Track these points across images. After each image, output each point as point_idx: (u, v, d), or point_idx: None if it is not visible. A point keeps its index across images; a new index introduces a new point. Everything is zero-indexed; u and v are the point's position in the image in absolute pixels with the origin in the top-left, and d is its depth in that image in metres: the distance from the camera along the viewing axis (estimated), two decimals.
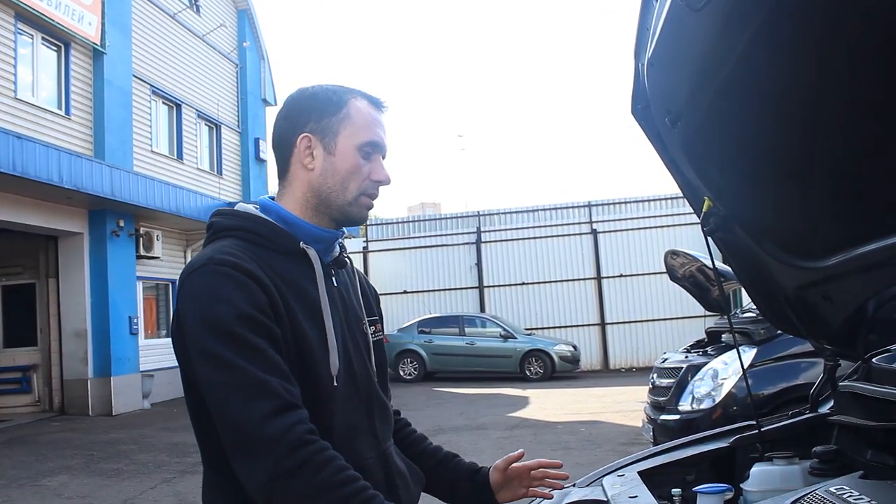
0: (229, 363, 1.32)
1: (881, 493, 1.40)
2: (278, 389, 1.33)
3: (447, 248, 21.58)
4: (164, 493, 7.36)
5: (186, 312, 1.39)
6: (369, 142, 1.54)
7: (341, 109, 1.54)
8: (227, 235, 1.52)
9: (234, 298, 1.36)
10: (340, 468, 1.32)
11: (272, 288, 1.42)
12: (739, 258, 2.04)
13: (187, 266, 1.44)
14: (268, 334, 1.37)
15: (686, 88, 1.63)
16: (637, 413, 10.02)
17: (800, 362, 5.82)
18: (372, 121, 1.56)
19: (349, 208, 1.55)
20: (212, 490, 1.50)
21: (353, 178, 1.54)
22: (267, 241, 1.50)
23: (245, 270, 1.40)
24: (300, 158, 1.55)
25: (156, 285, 16.56)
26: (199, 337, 1.36)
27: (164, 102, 16.99)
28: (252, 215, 1.55)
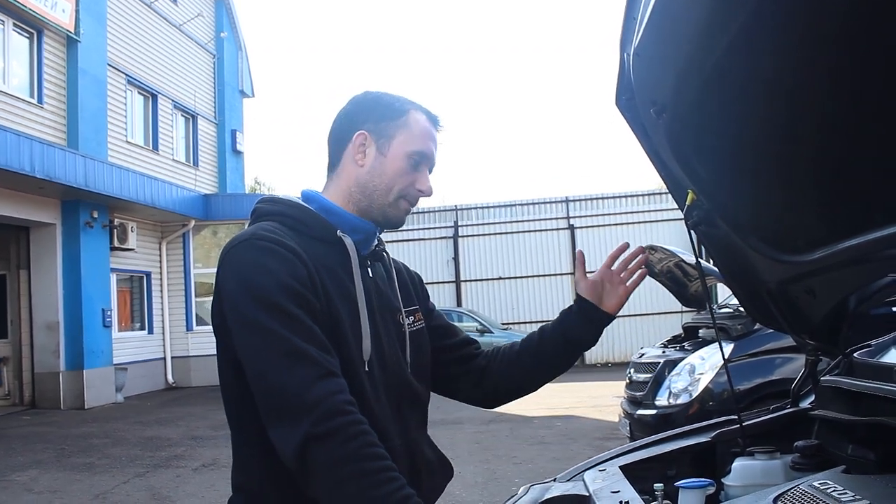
0: (271, 331, 1.38)
1: (864, 488, 1.39)
2: (318, 357, 1.38)
3: (424, 242, 21.58)
4: (137, 487, 7.28)
5: (227, 283, 1.45)
6: (420, 151, 1.63)
7: (401, 116, 1.64)
8: (269, 219, 1.58)
9: (276, 270, 1.43)
10: (370, 443, 1.36)
11: (311, 265, 1.48)
12: (722, 252, 2.03)
13: (229, 242, 1.51)
14: (307, 306, 1.43)
15: (672, 79, 1.61)
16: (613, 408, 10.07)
17: (775, 358, 5.86)
18: (427, 133, 1.65)
19: (389, 209, 1.64)
20: (242, 470, 1.56)
21: (398, 182, 1.62)
22: (306, 227, 1.57)
23: (285, 245, 1.47)
24: (353, 153, 1.64)
25: (130, 278, 16.41)
26: (240, 306, 1.42)
27: (139, 92, 16.81)
28: (293, 202, 1.64)
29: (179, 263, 17.20)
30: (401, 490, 1.34)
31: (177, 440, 9.96)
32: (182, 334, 17.07)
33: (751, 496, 1.57)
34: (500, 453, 8.16)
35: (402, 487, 1.35)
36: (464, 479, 6.57)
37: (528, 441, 9.02)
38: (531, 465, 7.43)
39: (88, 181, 12.80)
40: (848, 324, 2.00)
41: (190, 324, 17.14)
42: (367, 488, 1.32)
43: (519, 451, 8.33)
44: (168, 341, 16.90)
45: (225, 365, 1.52)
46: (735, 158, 1.72)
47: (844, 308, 1.98)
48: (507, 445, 8.77)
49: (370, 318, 1.56)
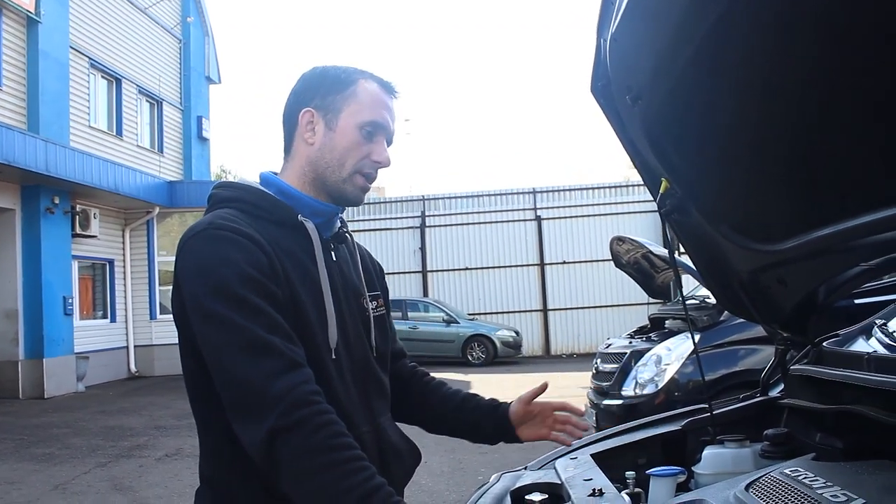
0: (232, 323, 1.34)
1: (834, 474, 1.40)
2: (282, 348, 1.35)
3: (391, 231, 21.52)
4: (99, 477, 7.18)
5: (187, 275, 1.41)
6: (372, 121, 1.56)
7: (348, 87, 1.56)
8: (226, 206, 1.53)
9: (236, 259, 1.38)
10: (338, 433, 1.33)
11: (271, 253, 1.44)
12: (694, 241, 2.03)
13: (186, 231, 1.46)
14: (270, 296, 1.39)
15: (649, 66, 1.60)
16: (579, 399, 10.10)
17: (739, 349, 5.93)
18: (379, 102, 1.58)
19: (343, 186, 1.57)
20: (209, 462, 1.53)
21: (350, 156, 1.55)
22: (265, 212, 1.52)
23: (245, 234, 1.42)
24: (302, 133, 1.57)
25: (92, 265, 16.15)
26: (201, 298, 1.37)
27: (103, 76, 16.51)
28: (251, 187, 1.58)
29: (143, 251, 16.96)
30: (371, 479, 1.31)
31: (139, 430, 9.84)
32: (145, 323, 16.85)
33: (722, 483, 1.57)
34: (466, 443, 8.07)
35: (373, 477, 1.32)
36: (430, 468, 6.56)
37: None
38: (497, 455, 7.44)
39: (49, 166, 12.54)
40: (818, 313, 2.01)
41: (154, 312, 16.93)
42: (336, 479, 1.29)
43: None
44: (131, 330, 16.67)
45: (187, 356, 1.48)
46: (709, 147, 1.72)
47: (814, 298, 1.99)
48: None
49: (335, 303, 1.53)
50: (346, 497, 1.28)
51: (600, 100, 1.88)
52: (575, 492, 1.56)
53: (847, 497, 1.26)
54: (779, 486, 1.39)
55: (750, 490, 1.41)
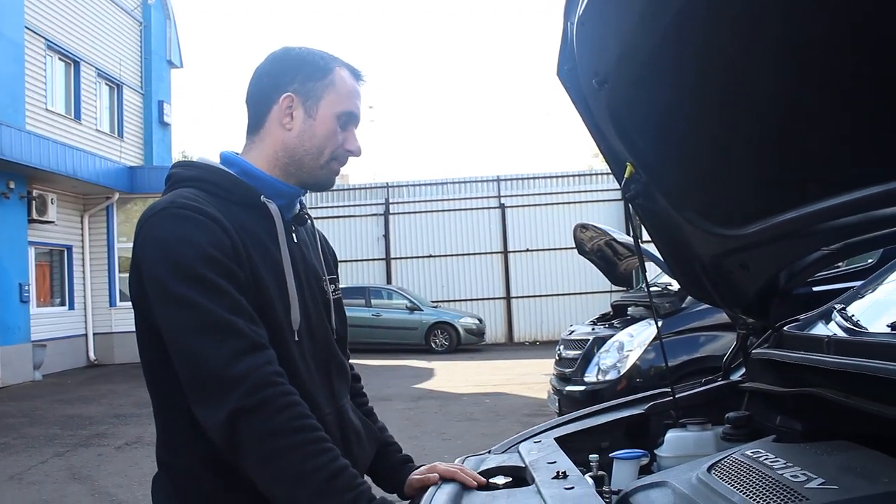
0: (194, 304, 1.32)
1: (795, 455, 1.42)
2: (245, 329, 1.33)
3: (355, 218, 21.44)
4: (56, 467, 7.07)
5: (147, 255, 1.38)
6: (348, 111, 1.57)
7: (327, 75, 1.56)
8: (187, 185, 1.49)
9: (198, 240, 1.36)
10: (301, 415, 1.33)
11: (234, 232, 1.42)
12: (658, 226, 2.04)
13: (146, 210, 1.43)
14: (232, 276, 1.38)
15: (616, 50, 1.60)
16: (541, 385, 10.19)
17: (699, 336, 6.01)
18: (353, 91, 1.59)
19: (320, 172, 1.58)
20: (167, 448, 1.50)
21: (328, 144, 1.56)
22: (227, 192, 1.50)
23: (207, 213, 1.40)
24: (279, 116, 1.56)
25: (50, 251, 15.85)
26: (161, 278, 1.35)
27: (60, 58, 16.16)
28: (212, 166, 1.55)
29: (103, 237, 16.69)
30: (335, 461, 1.32)
31: (99, 418, 9.70)
32: (105, 310, 16.59)
33: (685, 465, 1.58)
34: (430, 429, 8.19)
35: (336, 458, 1.32)
36: None
37: (457, 417, 9.08)
38: (460, 441, 7.48)
39: (4, 150, 12.26)
40: (779, 298, 2.04)
41: (113, 299, 16.68)
42: (301, 460, 1.29)
43: (448, 428, 8.37)
44: (90, 317, 16.42)
45: (145, 339, 1.45)
46: (674, 132, 1.73)
47: (776, 282, 2.02)
48: (436, 422, 8.81)
49: (297, 285, 1.52)
50: (311, 478, 1.28)
51: (566, 84, 1.88)
52: (539, 474, 1.56)
53: (807, 477, 1.27)
54: (740, 467, 1.40)
55: (712, 472, 1.42)
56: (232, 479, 1.38)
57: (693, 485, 1.39)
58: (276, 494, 1.31)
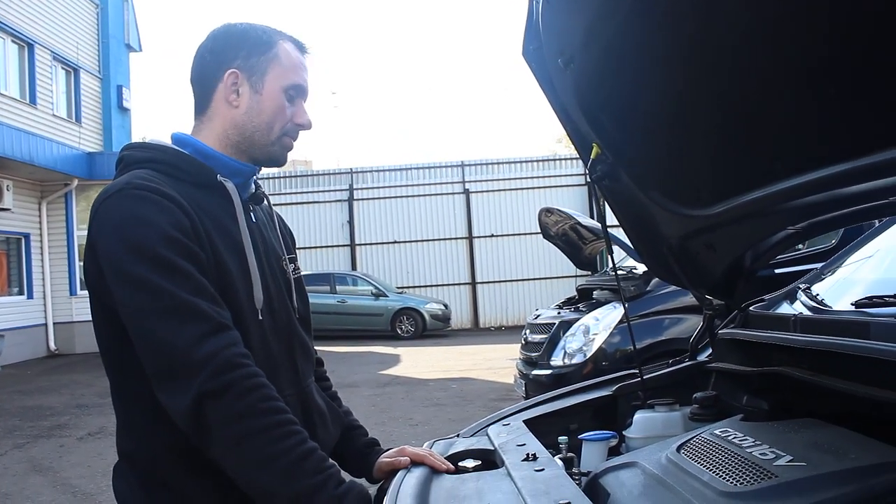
0: (155, 286, 1.29)
1: (763, 433, 1.43)
2: (208, 311, 1.31)
3: (319, 205, 21.31)
4: (16, 459, 6.95)
5: (103, 237, 1.35)
6: (294, 85, 1.55)
7: (271, 49, 1.54)
8: (140, 167, 1.46)
9: (157, 221, 1.33)
10: (268, 396, 1.31)
11: (193, 215, 1.39)
12: (625, 207, 2.03)
13: (101, 192, 1.39)
14: (193, 257, 1.35)
15: (582, 28, 1.59)
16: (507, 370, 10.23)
17: (664, 318, 6.07)
18: (298, 64, 1.56)
19: (272, 148, 1.55)
20: (128, 437, 1.47)
21: (277, 119, 1.54)
22: (183, 173, 1.47)
23: (165, 194, 1.37)
24: (225, 94, 1.53)
25: (7, 239, 15.53)
26: (120, 261, 1.31)
27: (13, 41, 15.76)
28: (165, 147, 1.52)
29: (62, 225, 16.38)
30: (303, 444, 1.30)
31: (60, 409, 9.55)
32: (65, 299, 16.32)
33: (654, 446, 1.59)
34: (397, 415, 8.18)
35: (305, 441, 1.31)
36: None
37: (424, 403, 9.08)
38: (427, 427, 7.48)
39: None
40: (745, 278, 2.05)
41: (73, 288, 16.40)
42: (268, 443, 1.27)
43: (415, 413, 8.37)
44: (49, 306, 16.13)
45: (103, 325, 1.42)
46: (639, 112, 1.72)
47: (742, 263, 2.03)
48: (403, 407, 8.80)
49: (258, 265, 1.50)
50: (278, 461, 1.27)
51: (532, 64, 1.86)
52: (508, 457, 1.55)
53: (775, 454, 1.28)
54: (709, 446, 1.41)
55: (681, 451, 1.42)
56: (196, 465, 1.36)
57: (663, 465, 1.39)
58: (244, 478, 1.29)
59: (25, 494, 5.82)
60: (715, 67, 1.39)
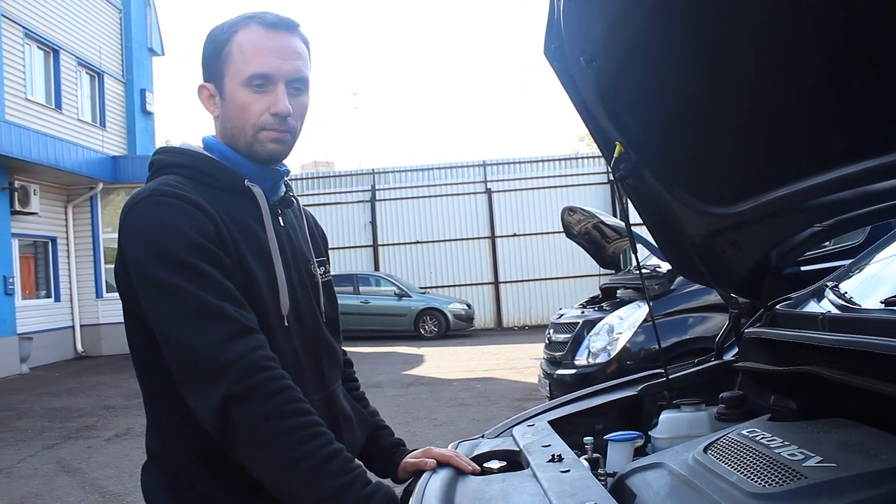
0: (181, 291, 1.30)
1: (790, 433, 1.41)
2: (234, 314, 1.32)
3: (341, 206, 21.38)
4: (45, 459, 7.03)
5: (131, 243, 1.36)
6: (255, 74, 1.45)
7: (224, 48, 1.48)
8: (170, 172, 1.47)
9: (183, 227, 1.34)
10: (294, 399, 1.31)
11: (219, 221, 1.40)
12: (648, 206, 2.02)
13: (130, 199, 1.40)
14: (218, 263, 1.36)
15: (603, 27, 1.58)
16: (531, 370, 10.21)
17: (688, 317, 6.02)
18: (259, 50, 1.45)
19: (254, 148, 1.50)
20: (157, 438, 1.49)
21: (244, 118, 1.48)
22: (210, 178, 1.47)
23: (191, 201, 1.38)
24: (207, 107, 1.53)
25: (34, 243, 15.72)
26: (148, 267, 1.32)
27: (39, 47, 15.97)
28: (196, 153, 1.52)
29: (87, 228, 16.56)
30: (329, 445, 1.31)
31: (88, 410, 9.65)
32: (91, 301, 16.49)
33: (680, 446, 1.57)
34: (420, 415, 8.19)
35: (331, 442, 1.31)
36: None
37: (448, 403, 9.08)
38: (451, 427, 7.48)
39: None
40: (771, 276, 2.02)
41: (100, 290, 16.57)
42: (294, 444, 1.27)
43: (439, 413, 8.37)
44: (77, 309, 16.31)
45: (134, 330, 1.44)
46: (663, 110, 1.71)
47: (767, 261, 2.00)
48: (426, 408, 8.81)
49: (285, 269, 1.50)
50: (304, 463, 1.27)
51: (554, 63, 1.86)
52: (533, 458, 1.54)
53: (804, 455, 1.26)
54: (737, 446, 1.40)
55: (708, 452, 1.41)
56: (223, 468, 1.37)
57: (690, 465, 1.38)
58: (270, 480, 1.29)
59: (55, 495, 5.89)
60: (738, 64, 1.38)
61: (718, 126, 1.60)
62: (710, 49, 1.40)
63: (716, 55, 1.40)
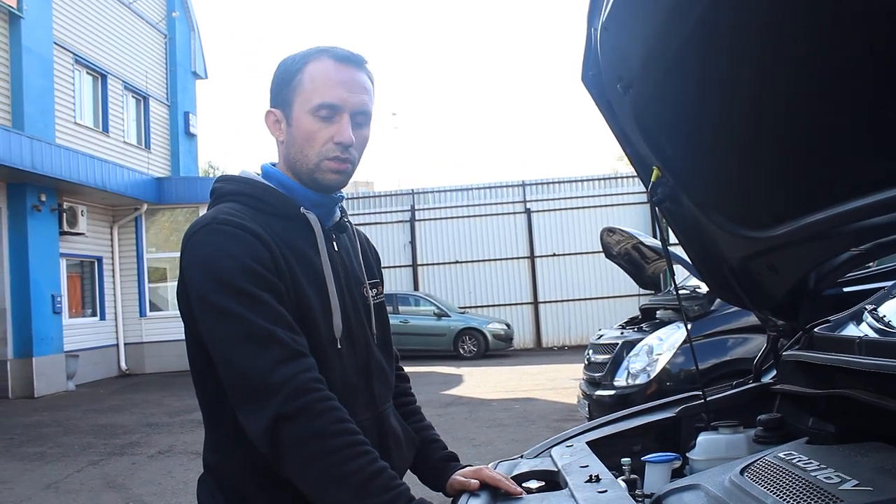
0: (235, 315, 1.37)
1: (829, 457, 1.41)
2: (285, 339, 1.38)
3: (381, 225, 21.50)
4: (91, 475, 7.16)
5: (190, 269, 1.44)
6: (322, 104, 1.52)
7: (294, 77, 1.54)
8: (229, 200, 1.54)
9: (238, 254, 1.41)
10: (340, 419, 1.36)
11: (274, 248, 1.46)
12: (686, 229, 2.04)
13: (190, 227, 1.48)
14: (272, 288, 1.42)
15: (640, 54, 1.60)
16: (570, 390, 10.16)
17: (728, 339, 5.95)
18: (328, 81, 1.52)
19: (315, 175, 1.56)
20: (213, 452, 1.56)
21: (309, 146, 1.54)
22: (268, 205, 1.54)
23: (247, 229, 1.45)
24: (272, 132, 1.60)
25: (81, 263, 16.07)
26: (204, 291, 1.40)
27: (88, 72, 16.39)
28: (254, 181, 1.59)
29: (132, 248, 16.88)
30: (373, 463, 1.35)
31: (131, 427, 9.81)
32: (135, 320, 16.78)
33: (717, 468, 1.58)
34: (460, 435, 8.19)
35: (375, 460, 1.35)
36: None
37: (487, 423, 9.07)
38: (490, 447, 7.47)
39: (35, 163, 12.46)
40: (809, 299, 2.02)
41: (143, 310, 16.86)
42: (339, 462, 1.32)
43: (478, 434, 8.37)
44: (121, 327, 16.60)
45: (193, 349, 1.51)
46: (700, 135, 1.73)
47: (805, 284, 2.00)
48: (466, 428, 8.80)
49: (338, 293, 1.55)
50: (349, 480, 1.31)
51: (591, 89, 1.89)
52: (572, 478, 1.56)
53: (841, 479, 1.27)
54: (774, 469, 1.40)
55: (745, 474, 1.42)
56: (273, 482, 1.43)
57: (726, 487, 1.38)
58: (316, 496, 1.35)
59: None
60: (775, 89, 1.39)
61: (755, 150, 1.62)
62: (746, 74, 1.42)
63: (752, 80, 1.42)
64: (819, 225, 1.59)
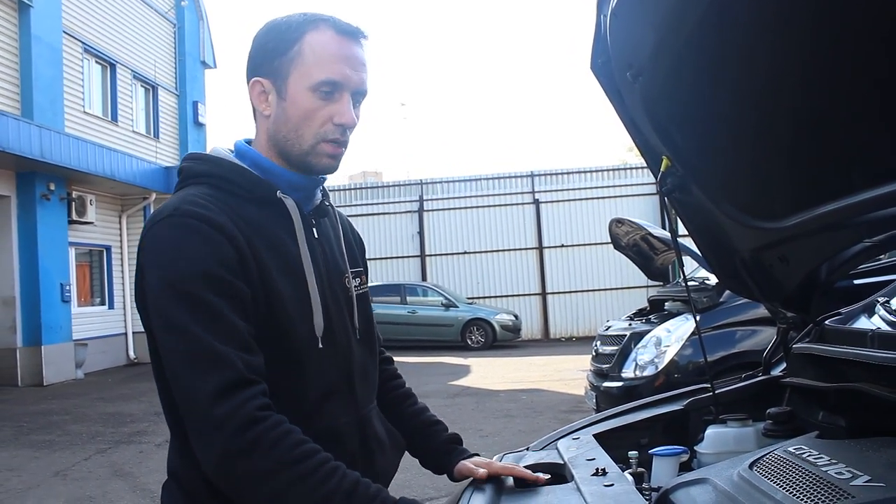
0: (184, 330, 1.23)
1: (839, 452, 1.39)
2: (234, 362, 1.23)
3: (389, 216, 21.51)
4: (99, 463, 7.19)
5: (147, 268, 1.30)
6: (326, 81, 1.37)
7: (293, 47, 1.38)
8: (199, 182, 1.40)
9: (198, 256, 1.27)
10: (297, 442, 1.24)
11: (242, 242, 1.32)
12: (696, 220, 2.01)
13: (152, 215, 1.34)
14: (232, 294, 1.28)
15: (650, 41, 1.58)
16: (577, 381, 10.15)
17: (737, 331, 5.94)
18: (332, 56, 1.38)
19: (308, 158, 1.42)
20: (177, 455, 1.43)
21: (306, 125, 1.39)
22: (241, 189, 1.40)
23: (212, 222, 1.30)
24: (257, 104, 1.44)
25: (89, 251, 16.13)
26: (158, 296, 1.27)
27: (97, 61, 16.40)
28: (226, 161, 1.43)
29: None
30: (345, 478, 1.24)
31: (139, 416, 9.85)
32: None
33: (725, 462, 1.56)
34: (467, 426, 8.18)
35: (344, 476, 1.24)
36: None
37: (494, 414, 9.06)
38: (497, 438, 7.47)
39: (44, 152, 12.48)
40: (820, 291, 2.00)
41: None
42: (312, 489, 1.21)
43: (485, 425, 8.36)
44: (129, 316, 16.65)
45: (153, 348, 1.36)
46: (711, 124, 1.70)
47: (817, 276, 1.98)
48: (473, 419, 8.80)
49: (319, 287, 1.42)
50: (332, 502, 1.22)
51: (600, 77, 1.86)
52: (578, 471, 1.55)
53: (852, 474, 1.25)
54: (783, 464, 1.38)
55: (754, 468, 1.39)
56: None
57: (735, 482, 1.37)
58: None
59: (108, 498, 6.02)
60: (788, 77, 1.37)
61: (767, 140, 1.59)
62: (758, 62, 1.40)
63: (764, 68, 1.40)
64: (832, 215, 1.57)
